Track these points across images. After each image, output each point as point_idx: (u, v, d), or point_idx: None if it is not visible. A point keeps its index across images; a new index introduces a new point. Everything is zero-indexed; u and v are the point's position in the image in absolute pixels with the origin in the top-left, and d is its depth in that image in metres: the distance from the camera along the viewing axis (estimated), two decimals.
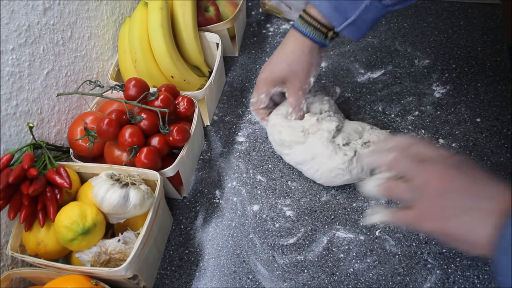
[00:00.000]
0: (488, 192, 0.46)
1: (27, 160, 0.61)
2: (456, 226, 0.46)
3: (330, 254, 0.68)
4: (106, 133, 0.67)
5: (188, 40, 0.85)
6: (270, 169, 0.79)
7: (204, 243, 0.72)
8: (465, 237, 0.46)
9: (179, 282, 0.68)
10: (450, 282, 0.63)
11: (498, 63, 0.87)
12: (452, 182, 0.47)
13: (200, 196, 0.77)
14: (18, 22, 0.64)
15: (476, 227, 0.45)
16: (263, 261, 0.68)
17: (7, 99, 0.64)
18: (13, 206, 0.60)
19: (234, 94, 0.91)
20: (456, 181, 0.47)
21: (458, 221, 0.46)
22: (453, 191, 0.47)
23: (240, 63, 0.97)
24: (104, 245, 0.61)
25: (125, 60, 0.84)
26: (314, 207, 0.73)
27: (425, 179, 0.49)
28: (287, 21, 1.03)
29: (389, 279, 0.65)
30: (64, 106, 0.76)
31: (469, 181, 0.47)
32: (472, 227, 0.46)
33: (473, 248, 0.47)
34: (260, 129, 0.84)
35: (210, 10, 0.91)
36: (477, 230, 0.45)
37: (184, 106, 0.73)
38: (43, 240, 0.62)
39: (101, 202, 0.60)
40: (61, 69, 0.75)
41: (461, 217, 0.46)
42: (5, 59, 0.63)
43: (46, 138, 0.73)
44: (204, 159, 0.82)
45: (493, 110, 0.80)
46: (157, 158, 0.68)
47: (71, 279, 0.58)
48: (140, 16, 0.82)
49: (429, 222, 0.49)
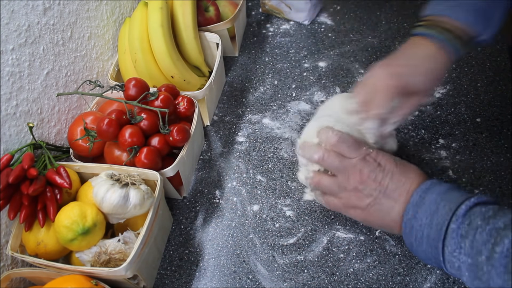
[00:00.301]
0: (397, 183, 0.55)
1: (27, 160, 0.61)
2: (372, 213, 0.57)
3: (330, 254, 0.68)
4: (106, 133, 0.67)
5: (188, 40, 0.85)
6: (270, 169, 0.79)
7: (204, 243, 0.72)
8: (381, 222, 0.57)
9: (179, 282, 0.68)
10: (450, 282, 0.63)
11: (498, 63, 0.87)
12: (367, 177, 0.56)
13: (200, 196, 0.77)
14: (18, 22, 0.64)
15: (387, 213, 0.55)
16: (263, 261, 0.68)
17: (7, 99, 0.64)
18: (13, 206, 0.60)
19: (234, 94, 0.91)
20: (370, 176, 0.56)
21: (373, 209, 0.56)
22: (368, 185, 0.56)
23: (240, 63, 0.97)
24: (104, 245, 0.61)
25: (125, 60, 0.84)
26: (314, 207, 0.73)
27: (345, 175, 0.58)
28: (287, 21, 1.03)
29: (389, 279, 0.65)
30: (64, 106, 0.76)
31: (382, 175, 0.56)
32: (384, 214, 0.55)
33: (390, 230, 0.57)
34: (260, 129, 0.84)
35: (210, 10, 0.91)
36: (389, 216, 0.55)
37: (184, 106, 0.73)
38: (43, 240, 0.62)
39: (101, 202, 0.60)
40: (61, 69, 0.75)
41: (375, 206, 0.56)
42: (5, 59, 0.63)
43: (46, 138, 0.73)
44: (204, 159, 0.82)
45: (493, 110, 0.80)
46: (157, 158, 0.68)
47: (71, 279, 0.58)
48: (140, 16, 0.82)
49: (351, 211, 0.59)
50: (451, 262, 0.48)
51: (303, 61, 0.94)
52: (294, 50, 0.97)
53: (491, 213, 0.47)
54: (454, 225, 0.48)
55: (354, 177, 0.57)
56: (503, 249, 0.44)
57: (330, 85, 0.89)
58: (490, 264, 0.44)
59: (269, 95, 0.89)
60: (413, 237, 0.52)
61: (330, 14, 1.03)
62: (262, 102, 0.89)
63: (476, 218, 0.47)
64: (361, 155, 0.58)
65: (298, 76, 0.92)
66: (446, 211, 0.50)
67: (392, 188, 0.55)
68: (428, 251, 0.51)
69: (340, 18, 1.02)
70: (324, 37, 0.98)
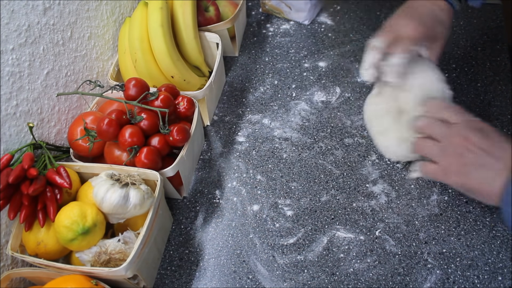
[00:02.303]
0: (501, 153, 0.55)
1: (27, 160, 0.61)
2: (473, 180, 0.57)
3: (330, 254, 0.68)
4: (106, 133, 0.67)
5: (188, 40, 0.85)
6: (270, 169, 0.79)
7: (204, 243, 0.72)
8: (480, 190, 0.56)
9: (179, 282, 0.68)
10: (450, 282, 0.63)
11: (498, 63, 0.87)
12: (472, 144, 0.57)
13: (200, 196, 0.77)
14: (18, 22, 0.64)
15: (489, 182, 0.55)
16: (263, 261, 0.68)
17: (7, 99, 0.64)
18: (13, 206, 0.60)
19: (234, 94, 0.91)
20: (475, 143, 0.56)
21: (475, 176, 0.56)
22: (472, 151, 0.56)
23: (240, 63, 0.97)
24: (104, 245, 0.61)
25: (125, 60, 0.84)
26: (314, 207, 0.73)
27: (449, 140, 0.59)
28: (287, 21, 1.03)
29: (389, 279, 0.65)
30: (64, 106, 0.76)
31: (487, 143, 0.56)
32: (485, 182, 0.56)
33: (487, 199, 0.57)
34: (260, 129, 0.84)
35: (210, 10, 0.91)
36: (489, 185, 0.55)
37: (184, 106, 0.73)
38: (43, 240, 0.62)
39: (101, 202, 0.60)
40: (61, 69, 0.75)
41: (477, 173, 0.56)
42: (5, 59, 0.63)
43: (46, 138, 0.73)
44: (204, 159, 0.82)
45: (493, 110, 0.80)
46: (157, 158, 0.68)
47: (71, 279, 0.58)
48: (140, 16, 0.82)
49: (451, 177, 0.59)
50: None
51: (303, 61, 0.94)
52: (294, 50, 0.97)
53: None
54: None
55: (459, 141, 0.57)
56: None
57: (330, 85, 0.89)
58: None
59: (269, 95, 0.89)
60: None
61: (330, 14, 1.03)
62: (262, 102, 0.89)
63: None
64: (465, 121, 0.59)
65: (298, 76, 0.92)
66: None
67: (498, 156, 0.55)
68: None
69: (340, 18, 1.02)
70: (324, 37, 0.98)
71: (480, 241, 0.66)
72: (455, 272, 0.64)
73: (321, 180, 0.76)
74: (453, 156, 0.58)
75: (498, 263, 0.64)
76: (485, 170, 0.56)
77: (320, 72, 0.92)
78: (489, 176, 0.55)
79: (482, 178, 0.56)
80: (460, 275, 0.64)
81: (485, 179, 0.56)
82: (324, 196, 0.74)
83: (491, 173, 0.55)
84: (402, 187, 0.73)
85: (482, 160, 0.56)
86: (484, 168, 0.56)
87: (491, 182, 0.55)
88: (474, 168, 0.56)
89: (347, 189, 0.74)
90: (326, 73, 0.91)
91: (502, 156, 0.55)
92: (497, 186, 0.54)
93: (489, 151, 0.56)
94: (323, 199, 0.74)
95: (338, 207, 0.73)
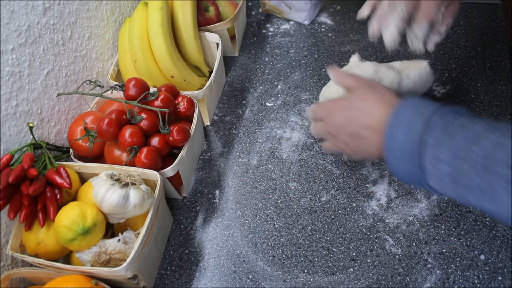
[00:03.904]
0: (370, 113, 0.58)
1: (27, 160, 0.61)
2: (356, 150, 0.61)
3: (330, 254, 0.68)
4: (106, 133, 0.67)
5: (188, 40, 0.85)
6: (270, 169, 0.79)
7: (204, 243, 0.72)
8: (368, 155, 0.61)
9: (179, 282, 0.68)
10: (450, 282, 0.63)
11: (498, 63, 0.87)
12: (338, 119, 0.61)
13: (200, 196, 0.77)
14: (18, 22, 0.64)
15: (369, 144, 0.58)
16: (263, 261, 0.68)
17: (7, 99, 0.64)
18: (13, 206, 0.60)
19: (234, 94, 0.91)
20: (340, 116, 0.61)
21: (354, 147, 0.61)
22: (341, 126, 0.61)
23: (240, 63, 0.97)
24: (104, 245, 0.61)
25: (125, 60, 0.84)
26: (314, 207, 0.73)
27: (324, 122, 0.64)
28: (287, 21, 1.03)
29: (389, 279, 0.65)
30: (64, 106, 0.76)
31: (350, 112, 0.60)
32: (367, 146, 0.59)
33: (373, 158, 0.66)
34: (260, 129, 0.84)
35: (210, 10, 0.91)
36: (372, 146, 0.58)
37: (184, 106, 0.73)
38: (43, 240, 0.62)
39: (101, 202, 0.60)
40: (61, 69, 0.75)
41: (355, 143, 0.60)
42: (5, 59, 0.63)
43: (46, 138, 0.73)
44: (204, 159, 0.82)
45: (493, 110, 0.80)
46: (157, 158, 0.68)
47: (71, 279, 0.58)
48: (140, 16, 0.82)
49: (343, 152, 0.65)
50: (431, 174, 0.49)
51: (303, 61, 0.94)
52: (294, 50, 0.97)
53: (466, 120, 0.48)
54: (428, 137, 0.49)
55: (330, 121, 0.63)
56: (482, 149, 0.45)
57: None
58: (468, 164, 0.45)
59: (269, 95, 0.89)
60: (394, 158, 0.53)
61: (330, 14, 1.03)
62: (262, 102, 0.89)
63: (450, 126, 0.48)
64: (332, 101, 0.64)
65: (298, 76, 0.92)
66: (420, 125, 0.50)
67: (366, 120, 0.58)
68: (409, 169, 0.52)
69: (340, 18, 1.02)
70: (324, 37, 0.98)
71: (480, 241, 0.66)
72: (455, 272, 0.64)
73: (321, 180, 0.76)
74: (332, 135, 0.63)
75: (498, 263, 0.64)
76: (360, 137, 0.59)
77: (320, 72, 0.92)
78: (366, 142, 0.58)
79: (362, 146, 0.59)
80: (460, 275, 0.64)
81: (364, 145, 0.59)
82: (324, 196, 0.74)
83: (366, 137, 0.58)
84: (402, 187, 0.73)
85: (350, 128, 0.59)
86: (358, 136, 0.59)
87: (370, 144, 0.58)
88: (349, 141, 0.60)
89: (347, 189, 0.74)
90: (326, 74, 0.91)
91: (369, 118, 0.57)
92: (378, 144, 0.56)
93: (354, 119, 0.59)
94: (323, 199, 0.74)
95: (338, 207, 0.73)
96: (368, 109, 0.58)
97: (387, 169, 0.76)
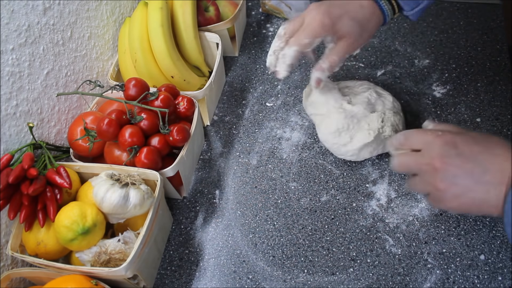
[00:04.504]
0: (485, 164, 0.50)
1: (27, 160, 0.61)
2: (467, 203, 0.51)
3: (330, 254, 0.68)
4: (106, 133, 0.67)
5: (188, 40, 0.85)
6: (270, 169, 0.79)
7: (204, 243, 0.72)
8: (477, 210, 0.51)
9: (179, 282, 0.68)
10: (450, 282, 0.63)
11: (498, 63, 0.87)
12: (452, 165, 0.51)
13: (200, 196, 0.77)
14: (18, 22, 0.64)
15: (483, 200, 0.50)
16: (263, 261, 0.68)
17: (7, 99, 0.64)
18: (13, 206, 0.60)
19: (234, 94, 0.91)
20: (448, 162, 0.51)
21: (468, 199, 0.51)
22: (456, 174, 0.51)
23: (240, 63, 0.97)
24: (104, 245, 0.62)
25: (125, 60, 0.84)
26: (314, 207, 0.73)
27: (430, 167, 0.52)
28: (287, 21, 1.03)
29: (389, 279, 0.65)
30: (64, 106, 0.76)
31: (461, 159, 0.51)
32: (480, 201, 0.50)
33: (487, 213, 0.51)
34: (260, 129, 0.84)
35: (210, 10, 0.91)
36: (486, 202, 0.49)
37: (184, 106, 0.73)
38: (43, 240, 0.62)
39: (101, 202, 0.60)
40: (61, 69, 0.75)
41: (466, 195, 0.50)
42: (5, 59, 0.63)
43: (46, 138, 0.73)
44: (204, 159, 0.82)
45: (493, 110, 0.80)
46: (157, 158, 0.68)
47: (71, 279, 0.58)
48: (140, 16, 0.82)
49: (444, 204, 0.53)
50: None
51: (303, 61, 0.94)
52: None
53: None
54: None
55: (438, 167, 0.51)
56: None
57: None
58: None
59: (269, 95, 0.89)
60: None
61: None
62: (262, 102, 0.89)
63: None
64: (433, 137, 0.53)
65: (298, 76, 0.92)
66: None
67: (480, 171, 0.50)
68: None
69: None
70: None
71: (480, 241, 0.66)
72: (455, 272, 0.64)
73: (321, 180, 0.76)
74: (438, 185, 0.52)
75: (498, 263, 0.64)
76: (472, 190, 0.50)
77: None
78: (479, 195, 0.50)
79: (473, 198, 0.50)
80: (460, 275, 0.64)
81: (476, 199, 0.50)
82: (324, 196, 0.74)
83: (480, 190, 0.50)
84: (402, 187, 0.73)
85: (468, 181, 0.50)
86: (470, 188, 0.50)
87: (485, 199, 0.50)
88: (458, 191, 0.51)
89: (347, 189, 0.74)
90: None
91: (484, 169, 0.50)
92: (494, 201, 0.49)
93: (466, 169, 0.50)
94: (323, 199, 0.74)
95: (338, 207, 0.73)
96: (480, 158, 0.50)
97: (387, 169, 0.76)
